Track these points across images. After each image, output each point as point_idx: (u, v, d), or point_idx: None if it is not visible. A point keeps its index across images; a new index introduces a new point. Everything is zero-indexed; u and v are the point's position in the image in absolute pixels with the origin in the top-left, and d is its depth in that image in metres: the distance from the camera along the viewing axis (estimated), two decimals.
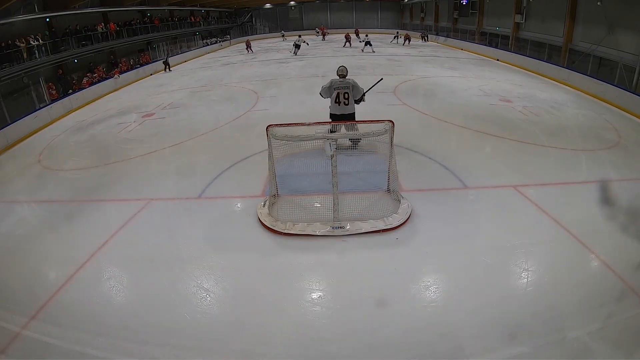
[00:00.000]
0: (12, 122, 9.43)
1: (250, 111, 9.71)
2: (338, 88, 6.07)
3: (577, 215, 4.53)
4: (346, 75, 6.23)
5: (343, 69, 6.27)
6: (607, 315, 3.18)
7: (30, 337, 3.21)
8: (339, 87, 6.07)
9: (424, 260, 3.93)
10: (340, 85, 6.08)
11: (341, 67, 6.32)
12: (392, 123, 4.46)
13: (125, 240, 4.50)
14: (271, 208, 4.75)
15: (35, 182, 6.50)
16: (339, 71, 6.25)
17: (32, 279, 3.97)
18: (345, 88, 6.06)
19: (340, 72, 6.24)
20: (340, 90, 6.05)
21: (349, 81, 6.13)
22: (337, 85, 6.08)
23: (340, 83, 6.10)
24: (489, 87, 11.60)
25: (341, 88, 6.06)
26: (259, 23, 37.36)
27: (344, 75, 6.21)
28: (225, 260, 4.06)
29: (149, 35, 20.49)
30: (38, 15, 13.62)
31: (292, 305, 3.41)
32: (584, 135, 7.43)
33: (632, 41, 10.88)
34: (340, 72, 6.24)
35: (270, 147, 4.59)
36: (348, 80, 6.13)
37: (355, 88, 6.12)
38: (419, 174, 5.74)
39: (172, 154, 7.15)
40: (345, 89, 6.05)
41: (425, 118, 8.50)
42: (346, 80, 6.13)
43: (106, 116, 10.61)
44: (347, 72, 6.29)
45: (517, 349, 2.90)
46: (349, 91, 6.05)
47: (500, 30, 19.20)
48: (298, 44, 20.76)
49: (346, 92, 6.04)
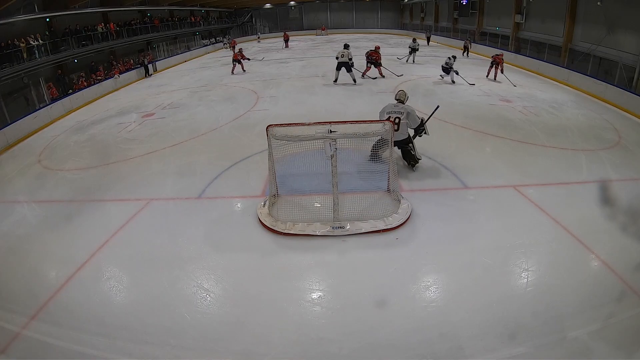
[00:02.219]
0: (12, 122, 9.43)
1: (250, 111, 9.71)
2: (390, 113, 5.65)
3: (577, 215, 4.53)
4: (404, 101, 5.86)
5: (402, 94, 5.92)
6: (607, 315, 3.18)
7: (30, 337, 3.21)
8: (391, 111, 5.66)
9: (424, 260, 3.93)
10: (394, 110, 5.67)
11: (400, 91, 5.98)
12: (392, 123, 4.46)
13: (125, 240, 4.50)
14: (271, 208, 4.75)
15: (35, 182, 6.50)
16: (396, 95, 5.95)
17: (32, 279, 3.97)
18: (398, 113, 5.62)
19: (397, 97, 5.92)
20: (392, 115, 5.64)
21: (404, 107, 5.70)
22: (390, 109, 5.68)
23: (395, 108, 5.70)
24: (489, 87, 11.60)
25: (393, 113, 5.65)
26: (259, 23, 37.35)
27: (401, 101, 5.85)
28: (225, 260, 4.06)
29: (149, 35, 20.48)
30: (38, 15, 13.61)
31: (292, 305, 3.41)
32: (584, 135, 7.43)
33: (632, 41, 10.88)
34: (398, 96, 5.91)
35: (270, 147, 4.59)
36: (404, 107, 5.71)
37: (411, 116, 5.65)
38: (419, 174, 5.74)
39: (172, 154, 7.15)
40: (398, 114, 5.61)
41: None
42: (401, 106, 5.71)
43: (106, 116, 10.61)
44: (407, 97, 5.93)
45: (517, 349, 2.90)
46: (400, 117, 5.59)
47: (500, 30, 19.19)
48: None
49: (397, 117, 5.58)
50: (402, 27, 34.29)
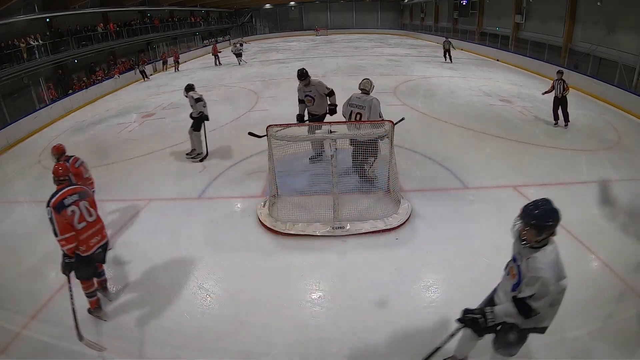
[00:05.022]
0: (12, 122, 9.44)
1: (250, 111, 9.71)
2: (352, 106, 4.95)
3: (577, 215, 4.51)
4: (370, 92, 5.02)
5: (367, 83, 5.02)
6: (607, 315, 3.18)
7: (30, 337, 3.21)
8: (353, 105, 4.95)
9: (424, 260, 3.93)
10: (356, 103, 4.92)
11: (365, 80, 5.06)
12: (392, 123, 4.46)
13: (125, 240, 4.50)
14: (271, 208, 4.75)
15: (35, 182, 6.50)
16: (360, 85, 5.06)
17: (32, 279, 3.97)
18: (359, 108, 4.88)
19: (362, 86, 5.03)
20: (354, 109, 4.93)
21: (368, 100, 4.86)
22: (353, 102, 4.96)
23: (357, 100, 4.93)
24: (489, 87, 11.60)
25: (355, 107, 4.92)
26: (259, 23, 37.37)
27: (366, 91, 5.00)
28: (225, 261, 4.06)
29: (149, 35, 20.50)
30: (38, 15, 13.63)
31: (292, 305, 3.41)
32: (584, 135, 7.43)
33: (632, 41, 10.87)
34: (363, 86, 5.02)
35: (270, 147, 4.59)
36: (367, 99, 4.88)
37: (373, 111, 4.80)
38: (419, 174, 5.74)
39: (172, 154, 7.15)
40: (359, 109, 4.88)
41: (425, 118, 8.50)
42: (364, 98, 4.90)
43: (106, 116, 10.62)
44: (372, 87, 5.07)
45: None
46: (362, 112, 4.86)
47: (500, 30, 19.19)
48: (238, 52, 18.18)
49: (358, 114, 4.88)
50: (402, 28, 34.32)
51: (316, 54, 20.58)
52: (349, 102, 5.02)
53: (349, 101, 5.03)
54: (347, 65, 16.06)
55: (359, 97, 4.96)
